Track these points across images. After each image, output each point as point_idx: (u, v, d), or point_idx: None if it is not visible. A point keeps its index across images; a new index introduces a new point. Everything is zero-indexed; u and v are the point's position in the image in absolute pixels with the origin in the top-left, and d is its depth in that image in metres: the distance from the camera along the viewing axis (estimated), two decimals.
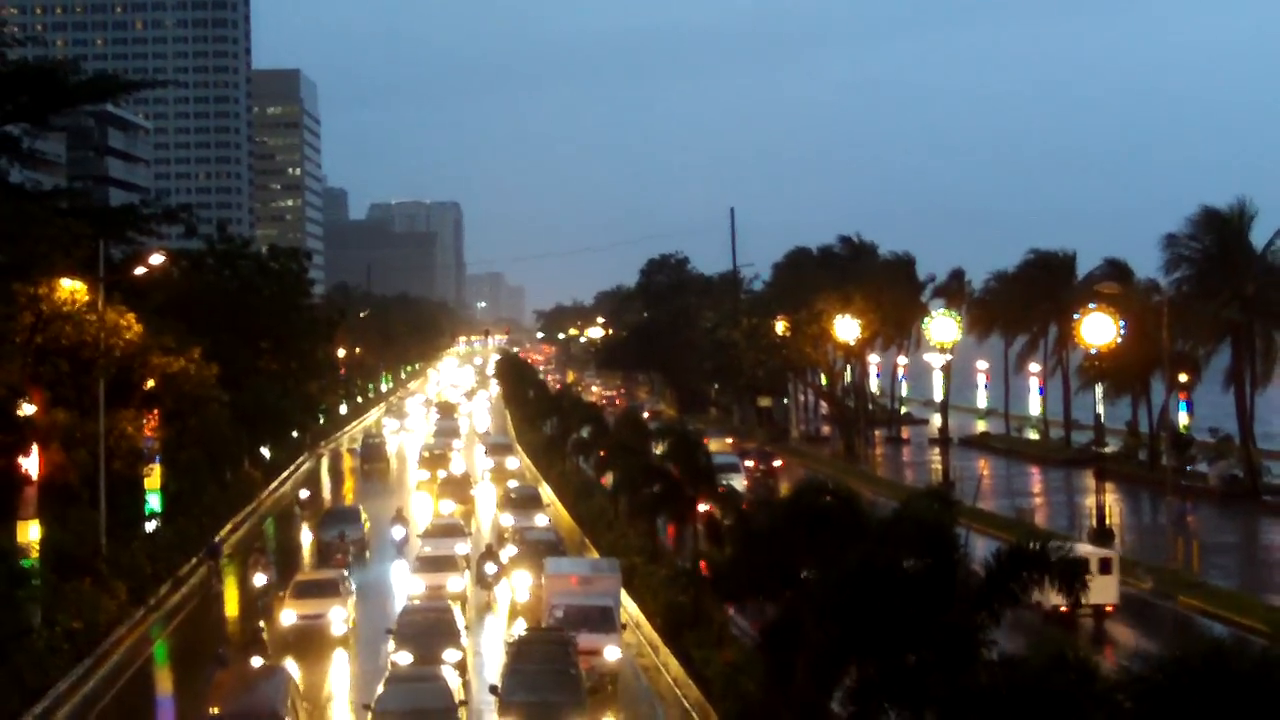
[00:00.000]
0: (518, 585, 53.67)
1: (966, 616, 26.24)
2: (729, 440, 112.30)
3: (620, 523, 63.27)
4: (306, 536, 73.47)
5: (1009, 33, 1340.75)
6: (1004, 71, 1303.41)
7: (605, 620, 43.00)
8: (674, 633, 44.41)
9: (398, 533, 67.73)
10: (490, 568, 55.31)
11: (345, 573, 53.06)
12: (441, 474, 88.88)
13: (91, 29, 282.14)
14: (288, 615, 48.11)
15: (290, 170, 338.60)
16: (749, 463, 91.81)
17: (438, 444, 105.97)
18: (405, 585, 56.14)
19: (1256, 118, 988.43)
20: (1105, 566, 49.03)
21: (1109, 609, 48.88)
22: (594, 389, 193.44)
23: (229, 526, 73.37)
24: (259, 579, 55.96)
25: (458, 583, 54.26)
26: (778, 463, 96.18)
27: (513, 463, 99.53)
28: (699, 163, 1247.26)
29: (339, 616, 48.26)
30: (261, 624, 47.06)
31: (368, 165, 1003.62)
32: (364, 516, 70.26)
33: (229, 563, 64.05)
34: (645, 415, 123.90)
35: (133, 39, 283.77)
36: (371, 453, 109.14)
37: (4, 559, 43.91)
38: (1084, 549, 50.94)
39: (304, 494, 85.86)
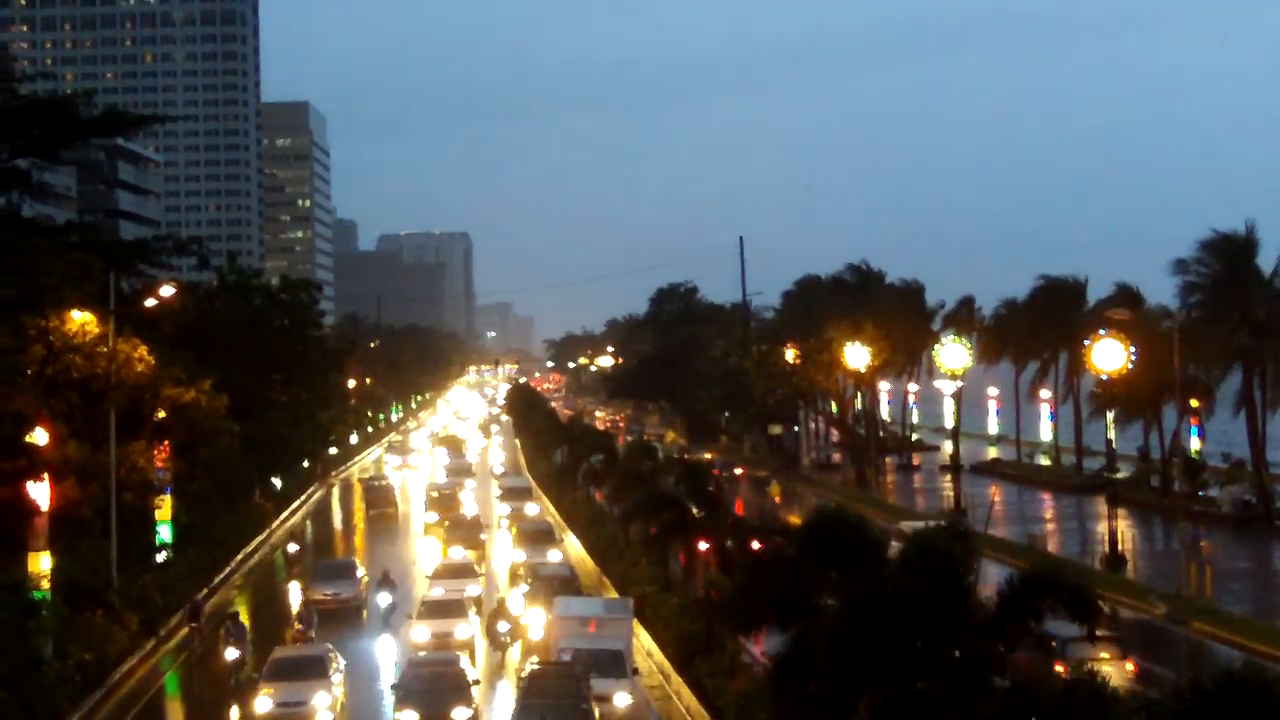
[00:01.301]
0: (531, 623, 50.85)
1: (979, 644, 26.18)
2: (708, 456, 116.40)
3: (631, 552, 63.19)
4: (295, 597, 61.10)
5: (1016, 59, 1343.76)
6: (1011, 97, 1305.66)
7: (615, 665, 41.13)
8: (686, 661, 44.30)
9: (383, 599, 56.57)
10: (503, 626, 49.47)
11: (330, 647, 44.84)
12: (451, 517, 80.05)
13: (101, 62, 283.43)
14: (263, 703, 40.28)
15: (300, 202, 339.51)
16: (713, 471, 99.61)
17: (447, 484, 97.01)
18: (401, 650, 50.41)
19: (1265, 141, 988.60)
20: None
21: None
22: (598, 414, 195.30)
23: (240, 555, 73.33)
24: (230, 653, 46.79)
25: (466, 630, 49.71)
26: (739, 470, 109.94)
27: (532, 509, 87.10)
28: (708, 191, 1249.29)
29: (324, 703, 40.46)
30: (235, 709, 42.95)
31: (377, 197, 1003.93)
32: (360, 571, 61.94)
33: (247, 592, 63.53)
34: (643, 438, 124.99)
35: (142, 72, 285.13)
36: (378, 497, 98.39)
37: (16, 590, 43.97)
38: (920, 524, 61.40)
39: (292, 548, 74.68)
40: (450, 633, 49.10)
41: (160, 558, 61.94)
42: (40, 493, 46.48)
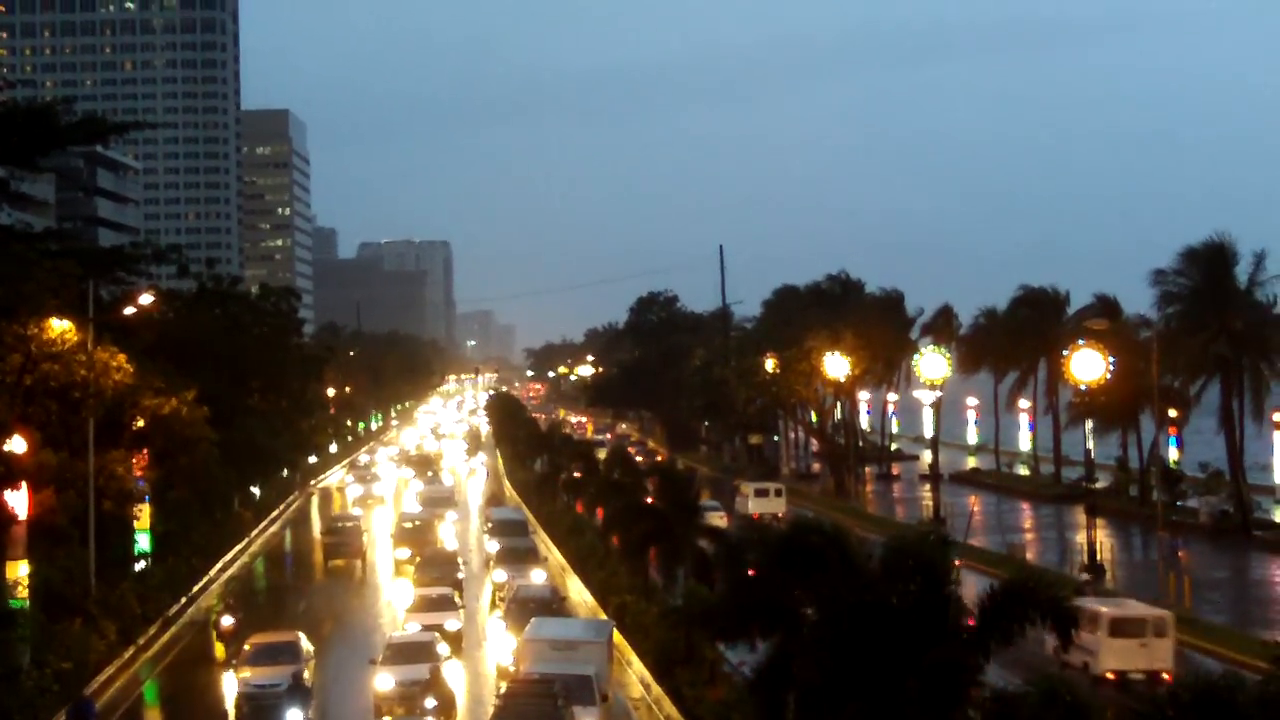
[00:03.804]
0: (507, 648, 47.85)
1: (959, 653, 26.23)
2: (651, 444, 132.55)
3: (611, 560, 63.11)
4: (230, 686, 46.72)
5: (996, 67, 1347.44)
6: (992, 106, 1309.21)
7: (583, 690, 38.89)
8: (665, 670, 44.25)
9: (292, 716, 40.89)
10: (430, 702, 40.93)
11: None
12: (425, 553, 69.96)
13: (81, 70, 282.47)
14: None
15: (280, 210, 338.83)
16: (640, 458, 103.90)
17: (422, 514, 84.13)
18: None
19: (1245, 152, 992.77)
20: (779, 492, 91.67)
21: (781, 515, 68.09)
22: (571, 419, 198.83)
23: (219, 564, 73.02)
24: None
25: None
26: (659, 457, 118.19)
27: (526, 543, 73.58)
28: (689, 200, 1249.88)
29: None
30: None
31: (357, 204, 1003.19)
32: (305, 648, 48.12)
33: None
34: (607, 437, 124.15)
35: (122, 79, 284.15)
36: (341, 542, 78.78)
37: None
38: (759, 485, 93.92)
39: (226, 620, 53.85)
40: (418, 680, 42.98)
41: (139, 566, 61.81)
42: (18, 501, 46.35)
